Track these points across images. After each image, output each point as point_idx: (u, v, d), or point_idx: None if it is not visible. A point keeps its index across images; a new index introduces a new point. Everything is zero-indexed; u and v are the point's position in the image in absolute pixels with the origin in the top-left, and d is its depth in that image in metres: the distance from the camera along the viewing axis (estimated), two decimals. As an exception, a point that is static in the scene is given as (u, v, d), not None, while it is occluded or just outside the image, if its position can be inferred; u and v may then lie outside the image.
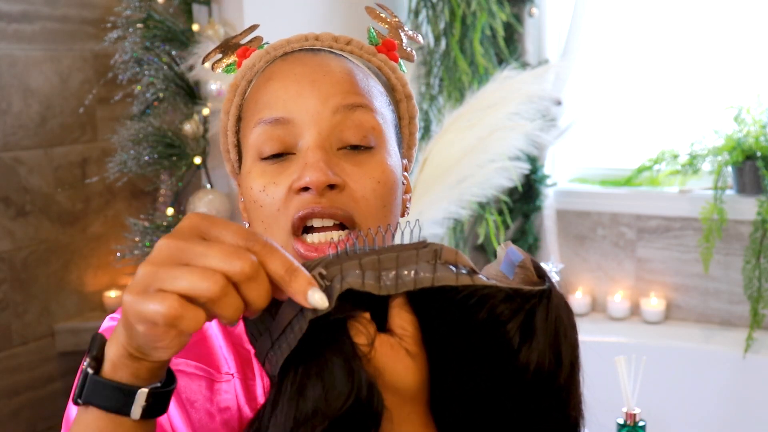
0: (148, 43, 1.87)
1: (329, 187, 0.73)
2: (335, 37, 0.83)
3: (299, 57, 0.79)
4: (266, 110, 0.76)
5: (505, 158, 2.01)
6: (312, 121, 0.75)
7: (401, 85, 0.85)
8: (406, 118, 0.86)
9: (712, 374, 2.44)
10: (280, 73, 0.78)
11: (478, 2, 2.31)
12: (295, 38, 0.83)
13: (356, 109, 0.76)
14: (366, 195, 0.75)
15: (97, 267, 2.63)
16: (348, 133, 0.75)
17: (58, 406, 2.51)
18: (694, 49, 2.65)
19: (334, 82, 0.76)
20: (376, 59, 0.84)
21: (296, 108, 0.75)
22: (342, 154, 0.75)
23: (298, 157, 0.75)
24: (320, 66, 0.77)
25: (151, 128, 1.87)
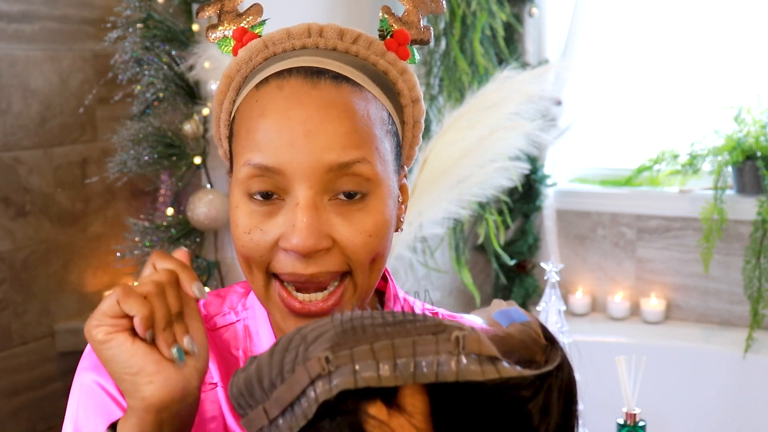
0: (148, 43, 1.87)
1: (317, 250, 0.71)
2: (341, 32, 0.77)
3: (296, 88, 0.71)
4: (257, 153, 0.71)
5: (505, 158, 2.01)
6: (303, 177, 0.70)
7: (408, 89, 0.79)
8: (410, 122, 0.81)
9: (712, 374, 2.44)
10: (274, 112, 0.71)
11: (478, 2, 2.31)
12: (297, 31, 0.77)
13: (353, 165, 0.71)
14: (356, 250, 0.72)
15: (97, 267, 2.62)
16: (342, 187, 0.71)
17: (58, 406, 2.51)
18: (694, 49, 2.65)
19: (332, 133, 0.70)
20: (383, 61, 0.77)
21: (288, 160, 0.70)
22: (333, 205, 0.72)
23: (287, 206, 0.71)
24: (318, 109, 0.70)
25: (151, 128, 1.87)
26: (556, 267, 1.56)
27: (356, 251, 0.72)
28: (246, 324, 0.84)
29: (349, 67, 0.75)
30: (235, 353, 0.82)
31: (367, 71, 0.76)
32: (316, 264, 0.71)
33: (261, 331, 0.83)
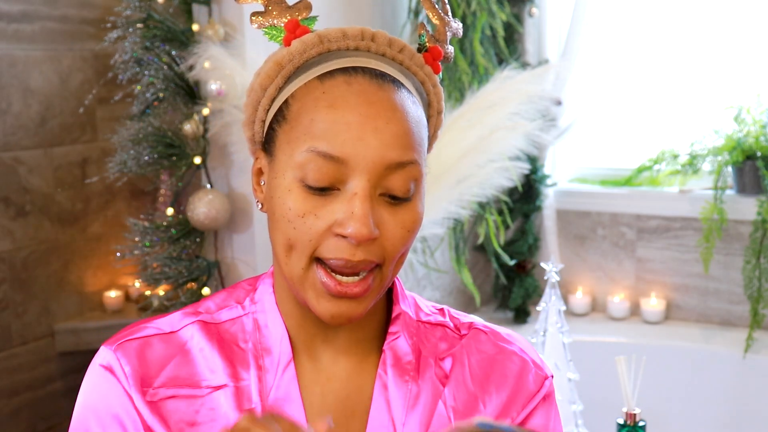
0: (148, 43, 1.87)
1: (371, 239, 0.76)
2: (390, 41, 0.81)
3: (364, 85, 0.77)
4: (323, 141, 0.75)
5: (505, 158, 2.01)
6: (366, 169, 0.75)
7: (437, 101, 0.85)
8: (432, 129, 0.87)
9: (712, 374, 2.44)
10: (344, 105, 0.76)
11: (478, 2, 2.31)
12: (352, 32, 0.80)
13: (407, 166, 0.77)
14: (395, 243, 0.78)
15: (96, 267, 2.63)
16: (394, 185, 0.77)
17: (58, 406, 2.51)
18: (694, 49, 2.65)
19: (396, 133, 0.76)
20: (422, 73, 0.83)
21: (354, 152, 0.75)
22: (382, 201, 0.77)
23: (343, 195, 0.76)
24: (384, 109, 0.76)
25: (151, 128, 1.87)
26: (556, 267, 1.56)
27: (395, 244, 0.78)
28: (255, 317, 0.85)
29: (401, 75, 0.81)
30: (243, 346, 0.84)
31: (411, 80, 0.82)
32: (363, 252, 0.76)
33: (271, 325, 0.85)
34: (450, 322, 0.91)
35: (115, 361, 0.82)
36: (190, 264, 1.90)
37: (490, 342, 0.90)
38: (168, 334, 0.84)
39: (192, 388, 0.82)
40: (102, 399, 0.82)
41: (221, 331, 0.85)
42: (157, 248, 1.91)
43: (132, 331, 0.85)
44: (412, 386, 0.84)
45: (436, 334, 0.89)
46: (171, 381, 0.82)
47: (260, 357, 0.83)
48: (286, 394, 0.82)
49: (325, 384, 0.84)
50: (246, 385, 0.82)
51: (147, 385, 0.81)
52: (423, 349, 0.87)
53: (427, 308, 0.91)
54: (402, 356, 0.85)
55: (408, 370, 0.85)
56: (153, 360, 0.82)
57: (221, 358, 0.83)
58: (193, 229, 1.92)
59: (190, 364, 0.83)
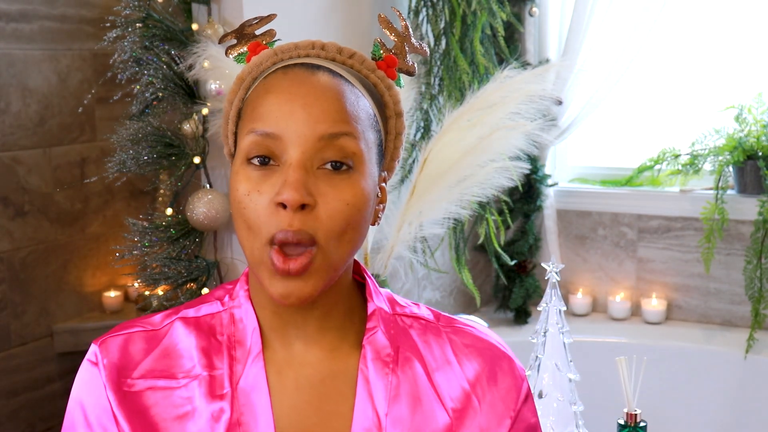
0: (147, 43, 1.86)
1: (301, 206, 0.80)
2: (340, 49, 0.89)
3: (298, 74, 0.85)
4: (259, 122, 0.83)
5: (506, 158, 2.00)
6: (298, 142, 0.81)
7: (393, 102, 0.91)
8: (393, 133, 0.92)
9: (713, 375, 2.43)
10: (278, 88, 0.84)
11: (478, 2, 2.31)
12: (303, 44, 0.89)
13: (340, 137, 0.82)
14: (332, 215, 0.81)
15: (96, 267, 2.62)
16: (328, 155, 0.82)
17: (57, 406, 2.51)
18: (694, 48, 2.65)
19: (325, 108, 0.82)
20: (373, 76, 0.90)
21: (286, 127, 0.82)
22: (321, 174, 0.82)
23: (281, 169, 0.82)
24: (314, 88, 0.83)
25: (150, 128, 1.86)
26: (556, 267, 1.55)
27: (333, 216, 0.81)
28: (232, 312, 0.91)
29: (343, 71, 0.87)
30: (219, 339, 0.90)
31: (359, 79, 0.89)
32: (299, 221, 0.80)
33: (245, 319, 0.90)
34: (427, 314, 0.95)
35: (98, 356, 0.89)
36: (190, 264, 1.90)
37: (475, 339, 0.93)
38: (150, 331, 0.91)
39: (168, 380, 0.88)
40: (86, 391, 0.89)
41: (200, 324, 0.91)
42: (157, 248, 1.90)
43: (119, 328, 0.91)
44: (392, 378, 0.88)
45: (413, 326, 0.93)
46: (149, 373, 0.88)
47: (233, 348, 0.89)
48: (254, 382, 0.87)
49: (298, 370, 0.88)
50: (219, 374, 0.88)
51: (125, 376, 0.88)
52: (401, 340, 0.91)
53: (402, 302, 0.96)
54: (381, 349, 0.89)
55: (387, 362, 0.89)
56: (133, 353, 0.89)
57: (198, 350, 0.89)
58: (193, 229, 1.92)
59: (168, 357, 0.89)
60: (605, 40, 2.54)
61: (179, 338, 0.90)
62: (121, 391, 0.87)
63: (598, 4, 2.52)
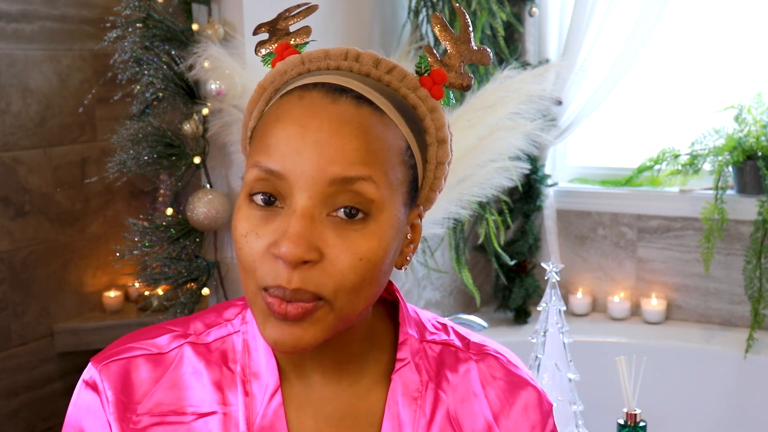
0: (147, 43, 1.86)
1: (303, 261, 0.70)
2: (377, 61, 0.76)
3: (316, 101, 0.72)
4: (265, 156, 0.71)
5: (506, 158, 2.01)
6: (305, 185, 0.69)
7: (436, 128, 0.78)
8: (433, 162, 0.79)
9: (712, 375, 2.43)
10: (289, 117, 0.71)
11: (478, 2, 2.31)
12: (335, 52, 0.77)
13: (356, 182, 0.70)
14: (343, 271, 0.70)
15: (96, 267, 2.62)
16: (343, 199, 0.70)
17: (58, 406, 2.51)
18: (694, 48, 2.65)
19: (340, 147, 0.69)
20: (414, 96, 0.77)
21: (292, 166, 0.70)
22: (331, 222, 0.71)
23: (286, 213, 0.71)
24: (331, 122, 0.70)
25: (150, 128, 1.86)
26: (556, 267, 1.55)
27: (343, 272, 0.70)
28: (245, 338, 0.83)
29: (375, 92, 0.74)
30: (233, 367, 0.82)
31: (395, 101, 0.76)
32: (300, 279, 0.70)
33: (260, 348, 0.82)
34: (456, 340, 0.88)
35: (99, 383, 0.80)
36: (190, 264, 1.90)
37: (503, 369, 0.88)
38: (156, 355, 0.82)
39: (177, 415, 0.80)
40: (86, 417, 0.81)
41: (210, 352, 0.83)
42: (157, 248, 1.91)
43: (120, 350, 0.82)
44: (420, 416, 0.82)
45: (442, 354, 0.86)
46: (156, 407, 0.80)
47: (248, 382, 0.81)
48: (272, 422, 0.79)
49: (317, 406, 0.81)
50: (234, 411, 0.80)
51: (131, 411, 0.79)
52: (429, 373, 0.84)
53: (430, 326, 0.88)
54: (410, 383, 0.83)
55: (416, 398, 0.82)
56: (138, 383, 0.80)
57: (210, 382, 0.81)
58: (193, 229, 1.92)
59: (176, 389, 0.81)
60: (605, 40, 2.54)
61: (189, 367, 0.82)
62: (128, 429, 0.79)
63: (598, 4, 2.52)
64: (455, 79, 0.79)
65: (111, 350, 0.83)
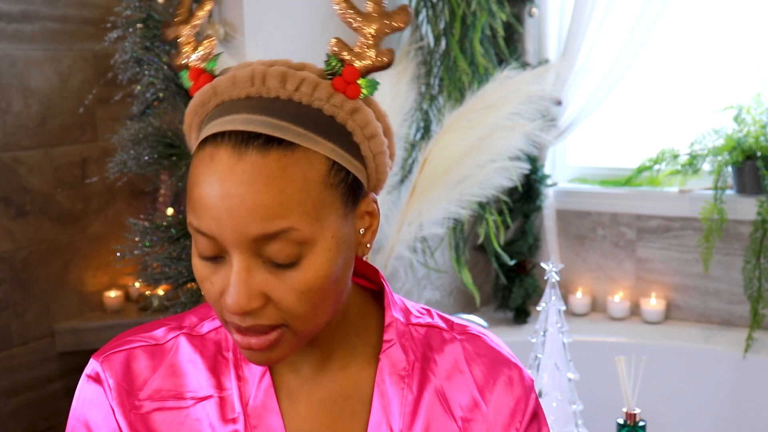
0: (148, 43, 1.87)
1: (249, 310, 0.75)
2: (283, 79, 0.75)
3: (223, 162, 0.73)
4: (195, 218, 0.75)
5: (505, 158, 2.01)
6: (234, 245, 0.74)
7: (361, 127, 0.77)
8: (370, 156, 0.80)
9: (712, 374, 2.44)
10: (203, 183, 0.74)
11: (478, 2, 2.31)
12: (241, 78, 0.76)
13: (277, 236, 0.73)
14: (290, 306, 0.75)
15: (97, 267, 2.63)
16: (272, 253, 0.74)
17: (58, 406, 2.51)
18: (694, 49, 2.65)
19: (252, 208, 0.72)
20: (329, 106, 0.75)
21: (218, 231, 0.73)
22: (267, 268, 0.75)
23: (227, 262, 0.76)
24: (239, 184, 0.72)
25: (151, 128, 1.87)
26: (556, 267, 1.56)
27: (290, 306, 0.75)
28: None
29: (284, 123, 0.74)
30: (226, 355, 0.87)
31: (308, 120, 0.75)
32: (253, 318, 0.75)
33: None
34: (441, 322, 0.92)
35: (101, 373, 0.85)
36: (190, 264, 1.90)
37: (487, 347, 0.91)
38: (154, 346, 0.87)
39: (177, 400, 0.85)
40: (90, 410, 0.85)
41: (205, 342, 0.87)
42: (157, 248, 1.91)
43: (119, 343, 0.87)
44: (407, 393, 0.86)
45: (427, 335, 0.91)
46: (156, 393, 0.85)
47: (240, 367, 0.85)
48: (264, 403, 0.84)
49: (309, 391, 0.85)
50: (229, 395, 0.84)
51: (132, 397, 0.84)
52: (416, 354, 0.88)
53: (415, 310, 0.92)
54: (397, 363, 0.87)
55: (403, 377, 0.87)
56: (138, 372, 0.85)
57: (206, 369, 0.86)
58: (193, 229, 1.92)
59: (175, 376, 0.86)
60: (605, 40, 2.55)
61: (185, 356, 0.86)
62: (130, 413, 0.83)
63: (598, 4, 2.53)
64: (372, 65, 0.76)
65: (110, 345, 0.87)
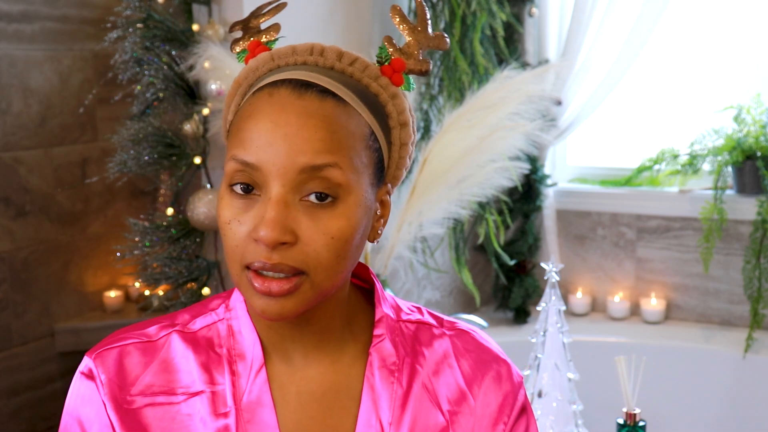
0: (148, 43, 1.87)
1: (281, 243, 0.77)
2: (340, 54, 0.83)
3: (283, 97, 0.79)
4: (241, 149, 0.78)
5: (505, 158, 2.01)
6: (278, 174, 0.77)
7: (397, 112, 0.85)
8: (398, 143, 0.87)
9: (712, 374, 2.44)
10: (260, 114, 0.78)
11: (478, 2, 2.31)
12: (301, 48, 0.83)
13: (323, 169, 0.77)
14: (317, 249, 0.77)
15: (97, 267, 2.63)
16: (311, 188, 0.77)
17: (58, 406, 2.51)
18: (693, 49, 2.65)
19: (307, 138, 0.77)
20: (375, 85, 0.84)
21: (266, 159, 0.77)
22: (303, 206, 0.78)
23: (263, 200, 0.78)
24: (298, 116, 0.77)
25: (151, 128, 1.87)
26: (556, 267, 1.56)
27: (317, 250, 0.77)
28: (230, 324, 0.89)
29: (338, 84, 0.81)
30: (219, 351, 0.87)
31: (357, 91, 0.82)
32: (279, 255, 0.77)
33: (244, 330, 0.87)
34: (430, 319, 0.94)
35: (94, 370, 0.86)
36: (190, 264, 1.90)
37: (476, 342, 0.93)
38: (146, 343, 0.88)
39: (168, 395, 0.85)
40: (83, 406, 0.86)
41: (197, 339, 0.88)
42: (157, 248, 1.91)
43: (112, 340, 0.89)
44: (397, 387, 0.87)
45: (417, 331, 0.92)
46: (148, 388, 0.85)
47: (234, 362, 0.86)
48: (258, 398, 0.85)
49: (300, 384, 0.86)
50: (221, 390, 0.85)
51: (124, 393, 0.85)
52: (406, 349, 0.90)
53: (406, 308, 0.94)
54: (387, 357, 0.88)
55: (393, 371, 0.88)
56: (130, 368, 0.86)
57: (197, 365, 0.87)
58: (193, 229, 1.93)
59: (166, 372, 0.86)
60: (604, 40, 2.55)
61: (177, 352, 0.87)
62: (122, 408, 0.85)
63: (598, 4, 2.53)
64: (414, 66, 0.86)
65: (103, 342, 0.89)
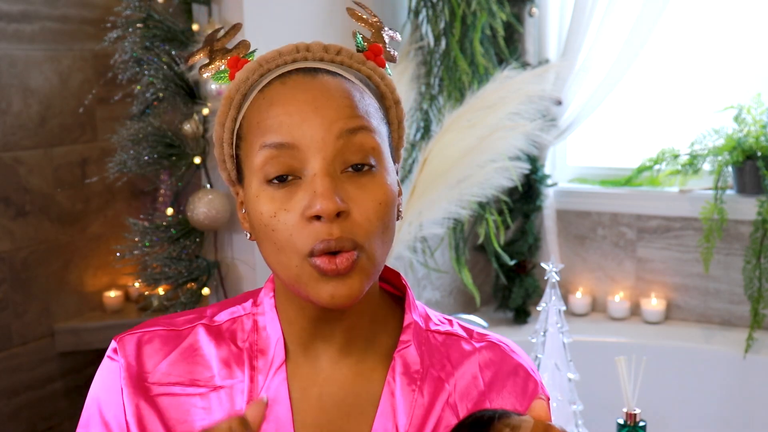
0: (147, 43, 1.87)
1: (337, 214, 0.76)
2: (325, 47, 0.85)
3: (298, 81, 0.80)
4: (270, 135, 0.78)
5: (506, 158, 2.01)
6: (317, 148, 0.77)
7: (390, 91, 0.87)
8: (395, 122, 0.88)
9: (712, 374, 2.44)
10: (282, 98, 0.79)
11: (478, 2, 2.31)
12: (286, 49, 0.84)
13: (357, 132, 0.78)
14: (369, 217, 0.78)
15: (96, 267, 2.62)
16: (351, 155, 0.78)
17: (58, 406, 2.51)
18: (694, 49, 2.65)
19: (336, 107, 0.78)
20: (365, 68, 0.86)
21: (301, 134, 0.77)
22: (345, 177, 0.78)
23: (305, 182, 0.78)
24: (321, 91, 0.79)
25: (150, 128, 1.87)
26: (556, 267, 1.56)
27: (369, 218, 0.78)
28: (255, 319, 0.88)
29: (341, 71, 0.83)
30: (240, 345, 0.87)
31: (353, 74, 0.84)
32: (339, 228, 0.76)
33: (269, 327, 0.87)
34: (460, 331, 0.92)
35: (118, 352, 0.87)
36: (190, 264, 1.90)
37: (505, 356, 0.91)
38: (170, 332, 0.88)
39: (184, 386, 0.85)
40: (102, 388, 0.87)
41: (221, 331, 0.88)
42: (157, 248, 1.91)
43: (139, 326, 0.89)
44: (418, 396, 0.85)
45: (445, 344, 0.90)
46: (165, 377, 0.86)
47: (255, 357, 0.86)
48: (276, 395, 0.84)
49: (323, 386, 0.85)
50: (240, 385, 0.85)
51: (142, 379, 0.85)
52: (431, 359, 0.88)
53: (436, 318, 0.93)
54: (411, 364, 0.86)
55: (415, 379, 0.86)
56: (150, 354, 0.86)
57: (218, 360, 0.86)
58: (193, 229, 1.92)
59: (186, 362, 0.86)
60: (605, 40, 2.55)
61: (200, 344, 0.87)
62: (137, 395, 0.85)
63: (598, 4, 2.52)
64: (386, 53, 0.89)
65: (133, 328, 0.90)
